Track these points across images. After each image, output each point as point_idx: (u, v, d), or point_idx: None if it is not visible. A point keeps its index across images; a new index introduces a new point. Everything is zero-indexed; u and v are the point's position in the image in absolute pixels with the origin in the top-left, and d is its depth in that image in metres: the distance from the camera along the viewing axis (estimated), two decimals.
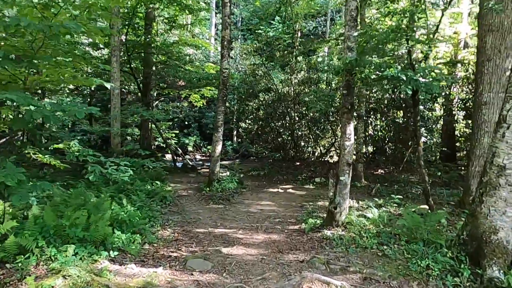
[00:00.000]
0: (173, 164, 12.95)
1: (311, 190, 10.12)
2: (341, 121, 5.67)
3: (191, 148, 24.81)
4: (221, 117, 8.95)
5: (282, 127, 14.10)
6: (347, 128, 5.57)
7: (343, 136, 5.61)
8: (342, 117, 5.63)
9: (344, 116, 5.59)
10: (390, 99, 11.73)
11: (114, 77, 10.48)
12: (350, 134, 5.60)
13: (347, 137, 5.58)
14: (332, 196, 5.77)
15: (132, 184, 7.77)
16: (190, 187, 9.87)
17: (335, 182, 5.77)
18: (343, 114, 5.61)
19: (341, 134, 5.67)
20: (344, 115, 5.59)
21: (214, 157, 9.06)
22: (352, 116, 5.58)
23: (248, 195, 9.16)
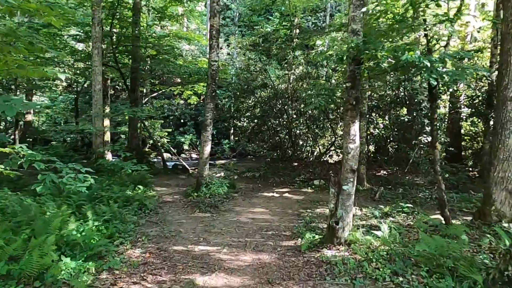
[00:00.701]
0: (163, 165, 11.95)
1: (309, 195, 9.12)
2: (344, 120, 4.66)
3: (187, 147, 23.81)
4: (209, 114, 7.94)
5: (279, 126, 13.09)
6: (351, 128, 4.56)
7: (347, 138, 4.59)
8: (346, 115, 4.61)
9: (348, 113, 4.57)
10: (393, 96, 10.72)
11: (95, 71, 9.46)
12: (354, 135, 4.59)
13: (351, 138, 4.56)
14: (333, 208, 4.76)
15: (108, 191, 6.78)
16: (177, 191, 8.87)
17: (337, 191, 4.76)
18: (346, 111, 4.59)
19: (344, 135, 4.66)
20: (347, 112, 4.58)
21: (203, 159, 8.05)
22: (357, 113, 4.57)
23: (240, 200, 8.15)
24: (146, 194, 7.95)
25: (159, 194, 8.46)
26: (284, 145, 13.24)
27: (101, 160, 7.55)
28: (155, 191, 8.58)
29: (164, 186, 9.60)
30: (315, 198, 8.64)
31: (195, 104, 25.46)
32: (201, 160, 8.07)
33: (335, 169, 12.16)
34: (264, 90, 12.63)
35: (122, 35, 10.61)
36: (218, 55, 7.81)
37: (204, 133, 7.98)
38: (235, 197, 8.32)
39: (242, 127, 14.23)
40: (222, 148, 23.85)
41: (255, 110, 13.51)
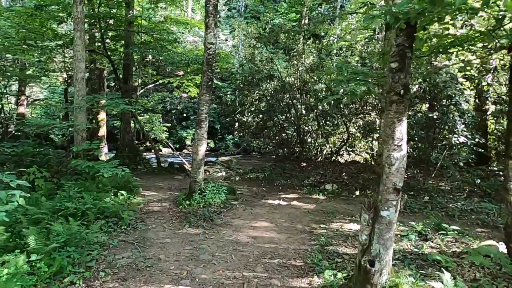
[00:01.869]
0: (157, 163, 10.55)
1: (321, 203, 7.65)
2: (386, 117, 3.15)
3: (190, 142, 22.40)
4: (205, 108, 6.47)
5: (286, 121, 11.58)
6: (397, 129, 3.06)
7: (389, 143, 3.10)
8: (388, 110, 3.10)
9: (392, 107, 3.07)
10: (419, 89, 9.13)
11: (77, 57, 8.01)
12: (400, 140, 3.09)
13: (396, 144, 3.07)
14: (366, 241, 3.29)
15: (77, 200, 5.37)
16: (168, 197, 7.45)
17: (372, 218, 3.27)
18: (390, 104, 3.09)
19: (385, 139, 3.16)
20: (391, 106, 3.08)
21: (196, 160, 6.61)
22: (405, 107, 3.07)
23: (240, 210, 6.71)
24: (129, 202, 6.56)
25: (146, 200, 7.05)
26: (291, 142, 11.74)
27: (73, 162, 6.13)
28: (141, 197, 7.17)
29: (155, 190, 8.19)
30: (328, 207, 7.17)
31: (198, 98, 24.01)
32: (195, 162, 6.63)
33: (348, 171, 10.66)
34: (270, 82, 11.12)
35: (112, 17, 9.13)
36: (216, 36, 6.31)
37: (198, 130, 6.52)
38: (234, 206, 6.87)
39: (247, 122, 12.73)
40: (225, 144, 22.41)
41: (260, 104, 12.01)
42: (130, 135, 10.99)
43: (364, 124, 11.33)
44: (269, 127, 12.66)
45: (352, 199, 7.98)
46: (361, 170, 10.80)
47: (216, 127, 22.43)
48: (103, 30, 9.12)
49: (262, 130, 12.60)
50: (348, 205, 7.47)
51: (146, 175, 10.01)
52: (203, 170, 6.85)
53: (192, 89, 12.96)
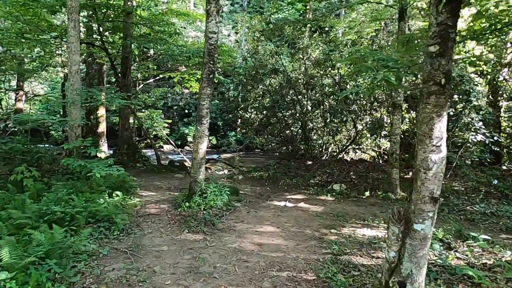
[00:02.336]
0: (157, 161, 10.03)
1: (329, 204, 7.12)
2: (422, 111, 2.60)
3: (191, 138, 21.88)
4: (206, 103, 5.93)
5: (291, 118, 11.03)
6: (436, 126, 2.52)
7: (427, 142, 2.56)
8: (427, 103, 2.56)
9: (431, 100, 2.52)
10: None
11: (71, 48, 7.47)
12: (439, 139, 2.55)
13: (435, 144, 2.53)
14: (394, 258, 2.76)
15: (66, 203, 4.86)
16: (166, 198, 6.94)
17: (402, 231, 2.74)
18: (428, 96, 2.54)
19: (420, 137, 2.62)
20: (430, 98, 2.53)
21: (197, 159, 6.08)
22: (446, 100, 2.51)
23: (244, 213, 6.18)
24: (124, 203, 6.04)
25: (143, 202, 6.54)
26: (296, 140, 11.20)
27: (64, 160, 5.62)
28: (138, 198, 6.66)
29: (153, 190, 7.68)
30: (337, 210, 6.64)
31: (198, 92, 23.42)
32: (195, 161, 6.10)
33: (356, 170, 10.11)
34: (275, 77, 10.55)
35: (109, 7, 8.57)
36: (218, 24, 5.75)
37: (199, 127, 5.99)
38: (237, 208, 6.35)
39: (250, 118, 12.18)
40: (228, 140, 21.89)
41: (264, 100, 11.45)
42: (129, 132, 10.48)
43: (372, 121, 10.78)
44: (273, 123, 12.12)
45: (362, 201, 7.45)
46: (369, 169, 10.26)
47: (218, 124, 21.91)
48: (100, 21, 8.57)
49: (265, 127, 12.06)
50: (359, 207, 6.93)
51: (145, 173, 9.50)
52: (204, 169, 6.31)
53: (194, 84, 12.42)
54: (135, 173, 9.51)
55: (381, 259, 4.38)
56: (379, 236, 5.26)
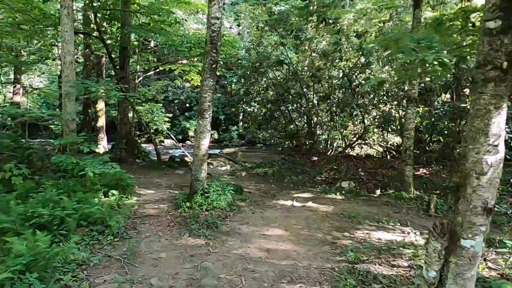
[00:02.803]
0: (157, 157, 9.56)
1: (339, 204, 6.65)
2: (476, 103, 2.10)
3: (193, 133, 21.38)
4: (208, 95, 5.43)
5: (296, 112, 10.52)
6: (494, 121, 2.03)
7: (481, 140, 2.06)
8: (483, 93, 2.06)
9: (489, 88, 2.02)
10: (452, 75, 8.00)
11: (65, 38, 6.94)
12: (498, 136, 2.06)
13: (492, 142, 2.04)
14: (435, 280, 2.28)
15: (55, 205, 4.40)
16: (167, 197, 6.47)
17: (446, 247, 2.25)
18: (485, 84, 2.04)
19: (473, 134, 2.12)
20: (487, 86, 2.03)
21: (199, 156, 5.60)
22: (509, 88, 2.00)
23: (249, 214, 5.72)
24: (121, 203, 5.58)
25: (141, 201, 6.08)
26: (301, 135, 10.70)
27: (54, 158, 5.15)
28: (136, 197, 6.20)
29: (152, 187, 7.22)
30: (348, 210, 6.17)
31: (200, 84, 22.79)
32: (196, 157, 5.62)
33: (364, 167, 9.63)
34: (280, 69, 10.02)
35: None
36: (222, 10, 5.22)
37: (200, 121, 5.50)
38: (242, 208, 5.88)
39: (252, 112, 11.67)
40: (230, 135, 21.39)
41: (268, 93, 10.93)
42: (127, 126, 9.99)
43: (382, 115, 10.27)
44: (276, 118, 11.62)
45: (373, 200, 6.97)
46: (377, 166, 9.78)
47: (220, 118, 21.40)
48: (95, 9, 8.03)
49: (269, 121, 11.55)
50: (371, 207, 6.46)
51: (144, 170, 9.04)
52: (206, 166, 5.83)
53: (195, 77, 11.89)
54: (134, 169, 9.04)
55: (403, 268, 3.92)
56: (397, 240, 4.80)
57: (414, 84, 6.96)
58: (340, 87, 8.79)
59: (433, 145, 10.21)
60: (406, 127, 7.07)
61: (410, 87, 7.00)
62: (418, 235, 5.04)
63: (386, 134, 11.18)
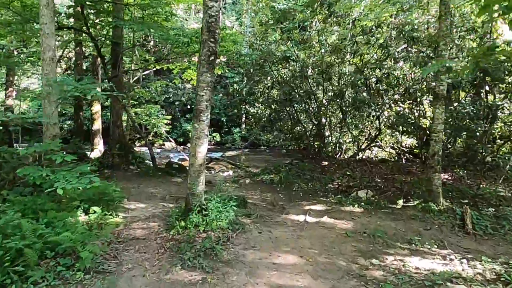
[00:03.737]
0: (152, 163, 8.60)
1: (359, 218, 5.65)
2: None
3: None
4: (205, 94, 4.46)
5: (304, 112, 9.54)
6: None
7: None
8: None
9: None
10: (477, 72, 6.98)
11: (44, 31, 6.03)
12: None
13: None
14: None
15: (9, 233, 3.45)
16: (159, 213, 5.50)
17: None
18: None
19: None
20: None
21: (195, 165, 4.63)
22: None
23: (255, 234, 4.73)
24: (104, 222, 4.63)
25: (130, 219, 5.11)
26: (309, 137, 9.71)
27: (20, 170, 4.19)
28: (122, 214, 5.24)
29: (144, 199, 6.26)
30: (371, 226, 5.18)
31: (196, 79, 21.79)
32: (192, 168, 4.64)
33: (380, 172, 8.62)
34: (286, 66, 9.05)
35: None
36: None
37: (196, 125, 4.53)
38: (246, 227, 4.90)
39: (256, 113, 10.69)
40: (232, 137, 20.43)
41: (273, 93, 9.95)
42: (121, 130, 9.04)
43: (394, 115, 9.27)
44: (282, 119, 10.63)
45: (397, 213, 5.96)
46: (394, 171, 8.77)
47: (222, 120, 20.45)
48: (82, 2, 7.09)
49: (274, 122, 10.55)
50: (396, 223, 5.46)
51: (138, 177, 8.09)
52: (204, 178, 4.86)
53: (194, 75, 10.95)
54: (127, 177, 8.11)
55: None
56: (440, 270, 3.80)
57: (442, 79, 5.96)
58: (354, 85, 7.79)
59: (453, 147, 9.18)
60: (434, 128, 6.07)
61: (438, 83, 5.99)
62: (464, 262, 4.04)
63: (400, 136, 10.17)
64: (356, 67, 7.27)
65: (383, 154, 11.23)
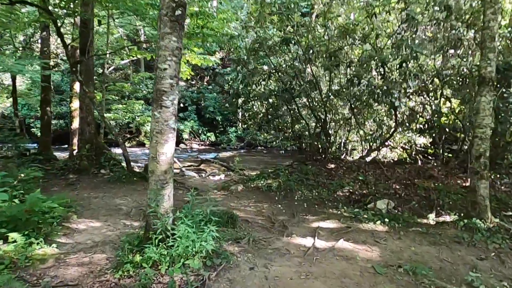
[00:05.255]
0: (127, 167, 7.02)
1: (384, 241, 4.11)
2: None
3: (187, 135, 18.85)
4: (169, 66, 2.90)
5: (306, 107, 8.01)
6: None
7: None
8: None
9: None
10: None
11: None
12: None
13: None
14: None
15: None
16: (114, 236, 3.94)
17: None
18: None
19: None
20: None
21: (156, 173, 3.07)
22: None
23: (244, 270, 3.18)
24: (30, 254, 3.07)
25: (68, 247, 3.54)
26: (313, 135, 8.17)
27: None
28: (60, 241, 3.66)
29: (103, 215, 4.69)
30: (404, 255, 3.66)
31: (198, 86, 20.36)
32: (153, 176, 3.10)
33: (398, 177, 7.08)
34: (285, 52, 7.51)
35: None
36: None
37: (157, 113, 2.98)
38: (233, 259, 3.34)
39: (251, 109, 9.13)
40: (228, 137, 18.88)
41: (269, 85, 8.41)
42: (92, 127, 7.46)
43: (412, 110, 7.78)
44: (281, 115, 9.09)
45: (433, 232, 4.42)
46: (413, 175, 7.24)
47: (217, 119, 18.89)
48: None
49: (272, 120, 9.00)
50: (437, 248, 3.93)
51: (108, 184, 6.51)
52: (172, 191, 3.31)
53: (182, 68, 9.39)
54: (94, 183, 6.55)
55: None
56: None
57: (490, 58, 4.43)
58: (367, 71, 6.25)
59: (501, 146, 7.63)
60: (479, 123, 4.55)
61: (484, 63, 4.46)
62: None
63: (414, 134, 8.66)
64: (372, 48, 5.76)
65: (392, 155, 9.72)
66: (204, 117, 19.07)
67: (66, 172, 6.92)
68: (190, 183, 7.83)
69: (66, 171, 6.95)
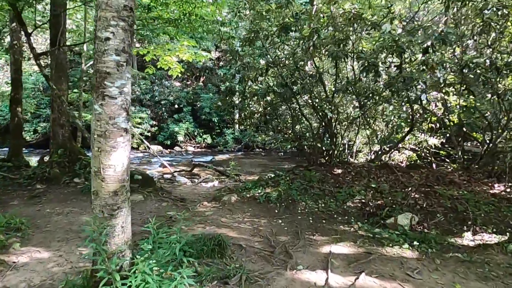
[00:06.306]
0: None
1: (418, 273, 3.07)
2: None
3: (182, 137, 17.80)
4: (114, 37, 1.86)
5: (308, 105, 6.98)
6: None
7: None
8: None
9: None
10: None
11: None
12: None
13: None
14: None
15: None
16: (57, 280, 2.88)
17: None
18: None
19: None
20: None
21: (102, 195, 2.02)
22: None
23: None
24: None
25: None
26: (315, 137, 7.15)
27: None
28: None
29: (53, 243, 3.66)
30: None
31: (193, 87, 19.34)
32: (97, 200, 2.07)
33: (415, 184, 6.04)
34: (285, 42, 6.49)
35: None
36: None
37: (97, 107, 1.92)
38: None
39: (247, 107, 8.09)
40: (224, 139, 17.83)
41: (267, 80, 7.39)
42: (66, 130, 6.41)
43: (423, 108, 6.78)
44: (280, 115, 8.08)
45: (478, 260, 3.40)
46: (432, 180, 6.22)
47: (213, 120, 17.85)
48: None
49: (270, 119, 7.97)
50: (488, 285, 2.90)
51: (79, 195, 5.46)
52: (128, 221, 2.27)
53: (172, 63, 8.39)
54: (64, 195, 5.50)
55: None
56: None
57: None
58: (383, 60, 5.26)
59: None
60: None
61: None
62: None
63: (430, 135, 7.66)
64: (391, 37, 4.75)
65: (401, 157, 8.72)
66: (200, 118, 18.03)
67: (33, 182, 5.87)
68: (179, 192, 6.80)
69: (33, 180, 5.91)
